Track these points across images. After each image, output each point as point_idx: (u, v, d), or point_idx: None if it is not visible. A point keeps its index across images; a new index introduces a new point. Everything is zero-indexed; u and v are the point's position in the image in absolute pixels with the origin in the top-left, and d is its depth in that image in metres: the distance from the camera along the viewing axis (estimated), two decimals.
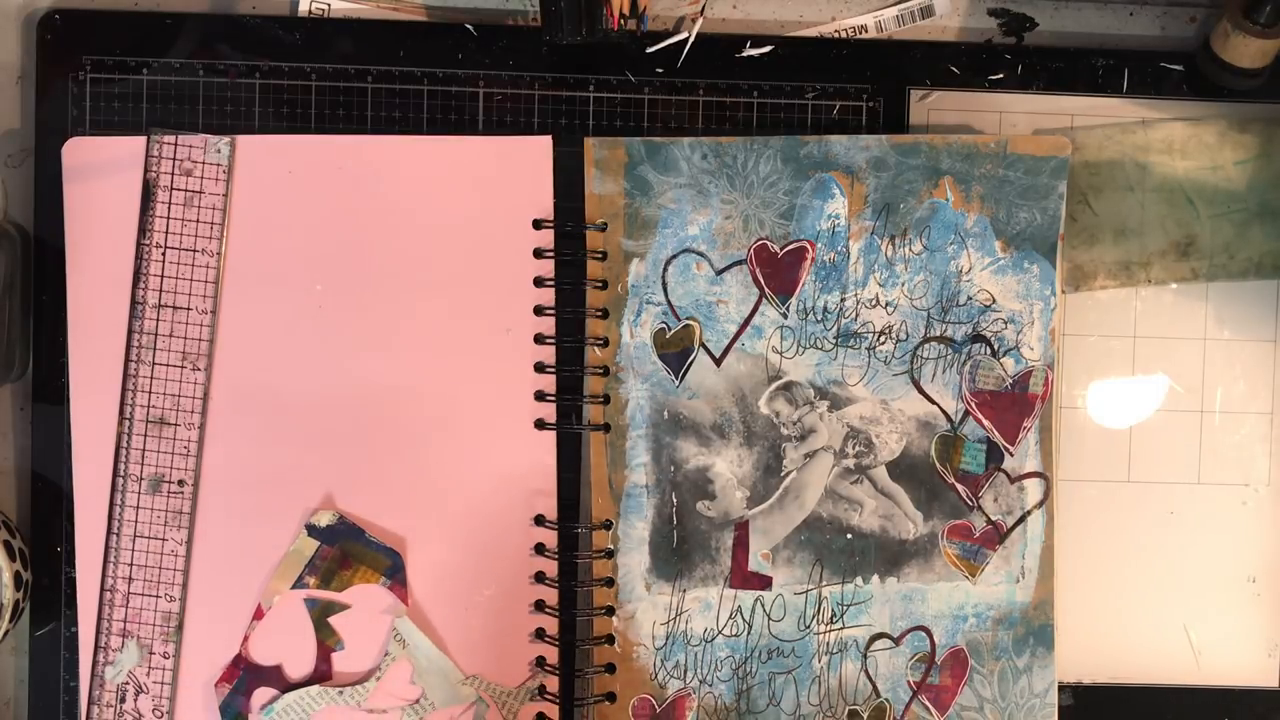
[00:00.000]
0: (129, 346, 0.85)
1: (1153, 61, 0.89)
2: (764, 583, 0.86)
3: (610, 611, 0.86)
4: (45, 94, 0.86)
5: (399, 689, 0.86)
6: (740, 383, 0.86)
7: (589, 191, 0.86)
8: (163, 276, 0.85)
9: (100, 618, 0.85)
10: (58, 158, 0.85)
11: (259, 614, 0.85)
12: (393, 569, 0.85)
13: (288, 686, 0.85)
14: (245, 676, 0.85)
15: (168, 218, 0.85)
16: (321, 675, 0.86)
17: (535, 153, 0.86)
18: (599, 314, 0.86)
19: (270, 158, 0.86)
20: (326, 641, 0.86)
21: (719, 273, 0.86)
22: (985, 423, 0.86)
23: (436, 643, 0.86)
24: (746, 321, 0.86)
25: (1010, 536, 0.87)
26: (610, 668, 0.86)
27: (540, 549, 0.86)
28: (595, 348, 0.86)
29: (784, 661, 0.87)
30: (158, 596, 0.85)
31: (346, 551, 0.85)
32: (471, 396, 0.86)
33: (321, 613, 0.86)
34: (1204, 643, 0.91)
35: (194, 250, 0.85)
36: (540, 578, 0.86)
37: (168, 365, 0.85)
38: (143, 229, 0.85)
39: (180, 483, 0.85)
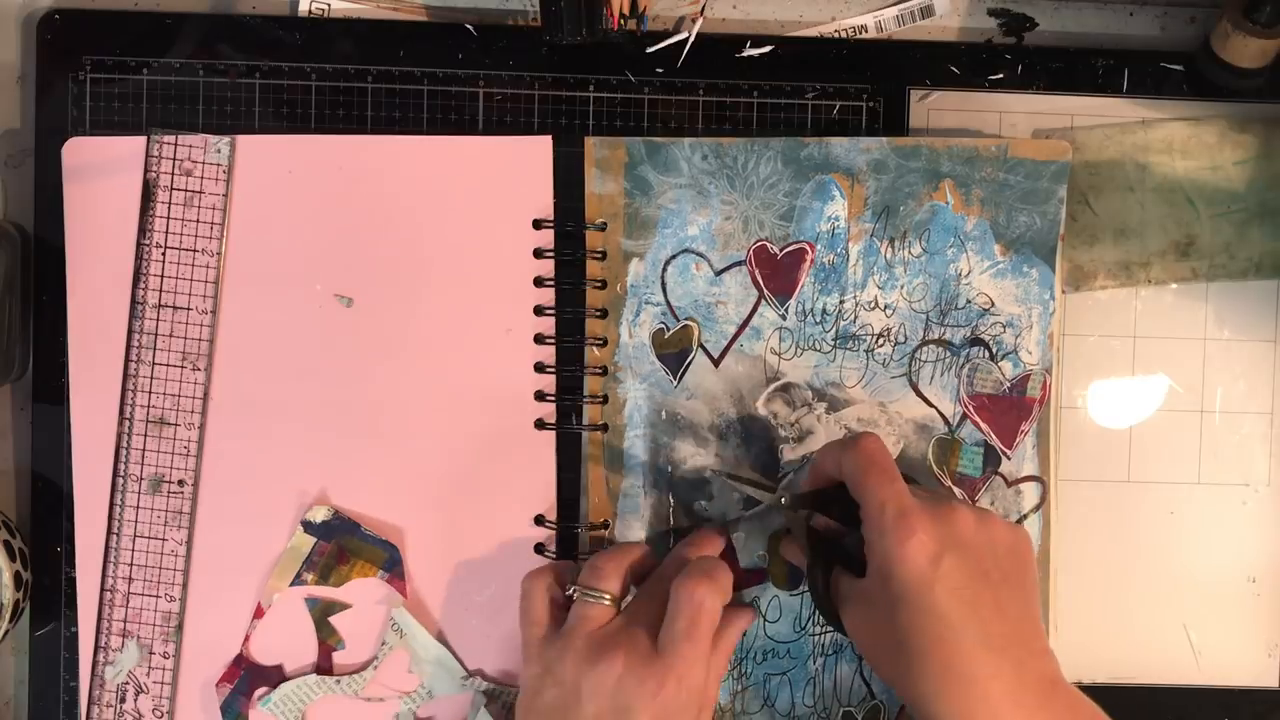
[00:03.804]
0: (129, 346, 0.85)
1: (1153, 61, 0.89)
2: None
3: None
4: (45, 94, 0.86)
5: (396, 679, 0.86)
6: (738, 384, 0.86)
7: (589, 191, 0.86)
8: (163, 276, 0.85)
9: (100, 618, 0.85)
10: (58, 158, 0.85)
11: (259, 613, 0.86)
12: (390, 562, 0.86)
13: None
14: (247, 676, 0.86)
15: (168, 218, 0.85)
16: (322, 673, 0.86)
17: (535, 153, 0.86)
18: (598, 314, 0.86)
19: (270, 158, 0.86)
20: (328, 641, 0.86)
21: (718, 273, 0.86)
22: (983, 426, 0.86)
23: (436, 638, 0.86)
24: (745, 322, 0.86)
25: None
26: None
27: (540, 549, 0.86)
28: (594, 347, 0.86)
29: (779, 663, 0.87)
30: (158, 596, 0.85)
31: (343, 546, 0.85)
32: (471, 396, 0.86)
33: (322, 612, 0.86)
34: (1204, 643, 0.91)
35: (194, 250, 0.85)
36: None
37: (168, 365, 0.85)
38: (143, 229, 0.85)
39: (180, 483, 0.85)
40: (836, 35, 0.89)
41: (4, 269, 0.83)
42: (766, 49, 0.88)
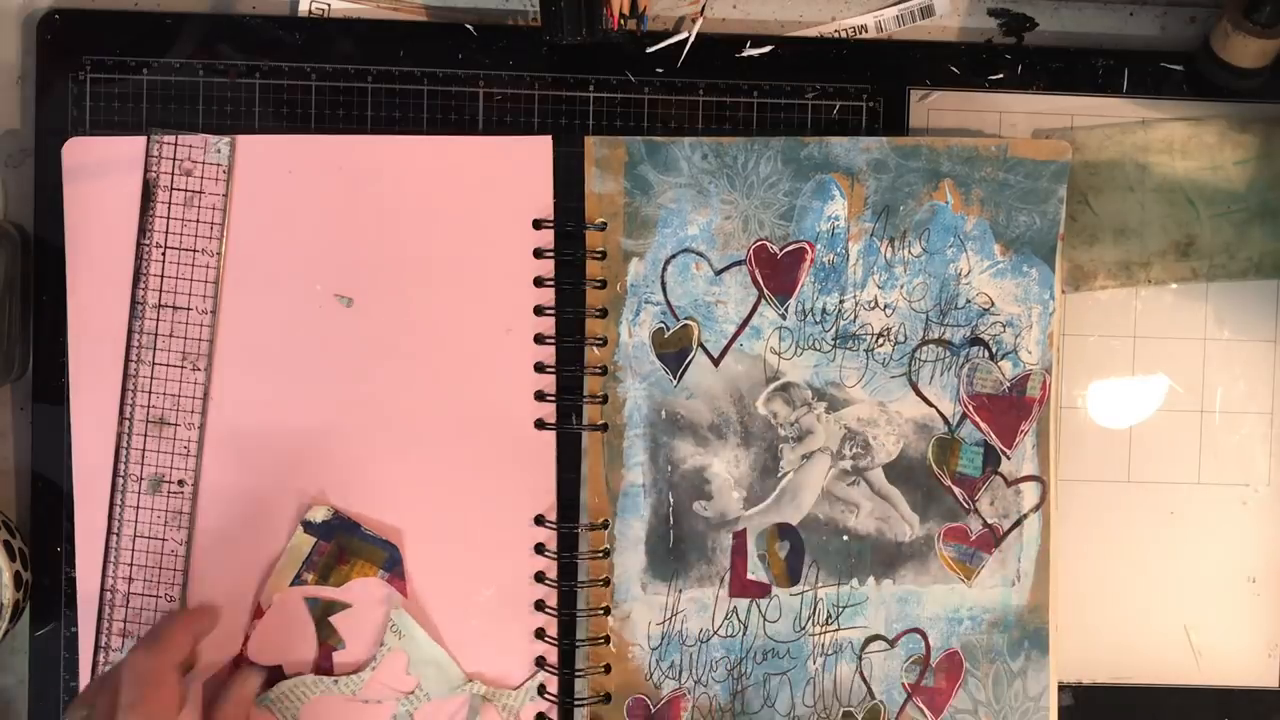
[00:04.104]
0: (129, 346, 0.85)
1: (1153, 61, 0.89)
2: (763, 590, 0.86)
3: (607, 611, 0.86)
4: (45, 94, 0.86)
5: (394, 679, 0.86)
6: (738, 383, 0.86)
7: (589, 190, 0.86)
8: (163, 276, 0.85)
9: (100, 618, 0.85)
10: (58, 158, 0.85)
11: (259, 613, 0.86)
12: (390, 561, 0.86)
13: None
14: None
15: (168, 218, 0.85)
16: (321, 672, 0.86)
17: (535, 153, 0.86)
18: (598, 314, 0.86)
19: (270, 158, 0.86)
20: (328, 641, 0.86)
21: (718, 273, 0.86)
22: (982, 426, 0.86)
23: (435, 639, 0.86)
24: (745, 322, 0.86)
25: (1006, 540, 0.87)
26: (608, 668, 0.86)
27: (540, 549, 0.86)
28: (594, 347, 0.86)
29: (779, 663, 0.87)
30: (158, 596, 0.85)
31: (343, 546, 0.85)
32: (471, 396, 0.86)
33: (323, 612, 0.86)
34: (1204, 643, 0.91)
35: (194, 250, 0.85)
36: (540, 578, 0.86)
37: (168, 365, 0.85)
38: (143, 229, 0.85)
39: (180, 483, 0.85)
40: (836, 35, 0.89)
41: (4, 269, 0.83)
42: (766, 49, 0.88)
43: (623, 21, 0.84)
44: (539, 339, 0.86)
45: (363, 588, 0.86)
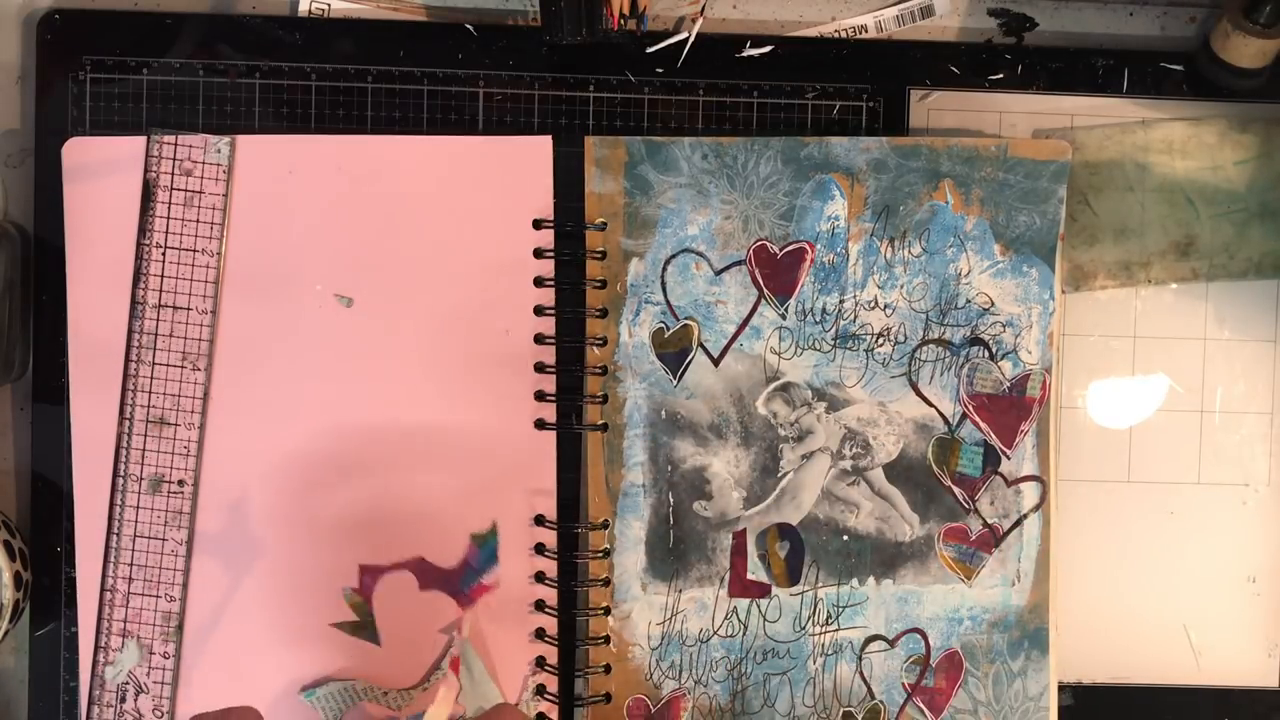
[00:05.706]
0: (129, 346, 0.85)
1: (1153, 61, 0.89)
2: (763, 590, 0.86)
3: (607, 611, 0.86)
4: (45, 94, 0.86)
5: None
6: (738, 383, 0.86)
7: (589, 190, 0.86)
8: (163, 276, 0.85)
9: (100, 618, 0.85)
10: (58, 158, 0.85)
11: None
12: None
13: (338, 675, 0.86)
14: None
15: (168, 218, 0.85)
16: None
17: (535, 153, 0.86)
18: (598, 313, 0.86)
19: (270, 158, 0.86)
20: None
21: (718, 273, 0.86)
22: (982, 426, 0.86)
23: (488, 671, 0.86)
24: (745, 322, 0.86)
25: (1006, 540, 0.87)
26: (608, 668, 0.86)
27: (540, 549, 0.86)
28: (594, 347, 0.86)
29: (779, 663, 0.87)
30: (158, 596, 0.85)
31: None
32: (471, 397, 0.86)
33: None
34: (1204, 643, 0.91)
35: (194, 250, 0.85)
36: (540, 578, 0.86)
37: (168, 365, 0.85)
38: (143, 229, 0.85)
39: (180, 483, 0.85)
40: (836, 35, 0.89)
41: (4, 269, 0.83)
42: (766, 49, 0.88)
43: (623, 21, 0.84)
44: (539, 339, 0.86)
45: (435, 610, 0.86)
